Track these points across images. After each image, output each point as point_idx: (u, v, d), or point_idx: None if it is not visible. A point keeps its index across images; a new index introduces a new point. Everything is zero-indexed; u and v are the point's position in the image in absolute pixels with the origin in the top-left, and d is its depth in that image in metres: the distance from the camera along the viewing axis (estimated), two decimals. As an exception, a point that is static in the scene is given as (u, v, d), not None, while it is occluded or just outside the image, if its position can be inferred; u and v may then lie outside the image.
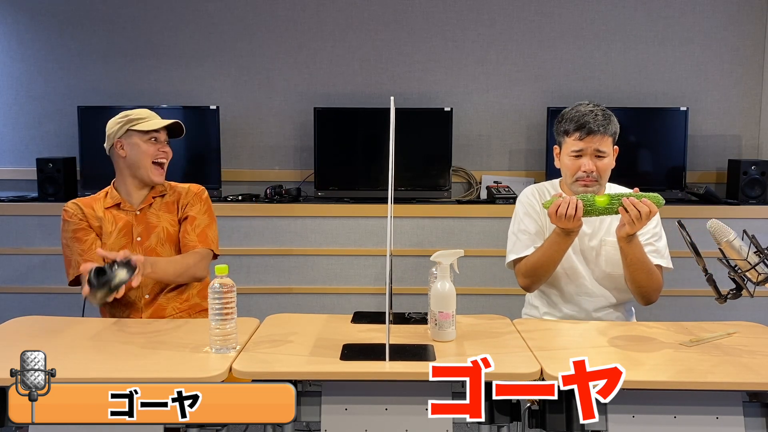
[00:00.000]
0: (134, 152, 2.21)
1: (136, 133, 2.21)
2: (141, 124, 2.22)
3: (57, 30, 3.57)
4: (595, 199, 1.91)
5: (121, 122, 2.22)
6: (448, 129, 3.41)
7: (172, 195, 2.32)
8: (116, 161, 2.27)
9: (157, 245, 2.24)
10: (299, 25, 3.56)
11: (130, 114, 2.24)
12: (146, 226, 2.25)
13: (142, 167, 2.22)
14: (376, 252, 3.34)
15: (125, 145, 2.22)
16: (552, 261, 2.09)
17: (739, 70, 3.57)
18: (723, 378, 1.54)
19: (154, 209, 2.27)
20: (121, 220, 2.24)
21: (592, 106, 2.09)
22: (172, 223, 2.27)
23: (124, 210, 2.26)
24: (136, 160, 2.21)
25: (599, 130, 2.05)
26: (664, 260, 2.13)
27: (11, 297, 3.39)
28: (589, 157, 2.08)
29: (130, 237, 2.23)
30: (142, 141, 2.21)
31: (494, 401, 1.61)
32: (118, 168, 2.27)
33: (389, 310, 1.70)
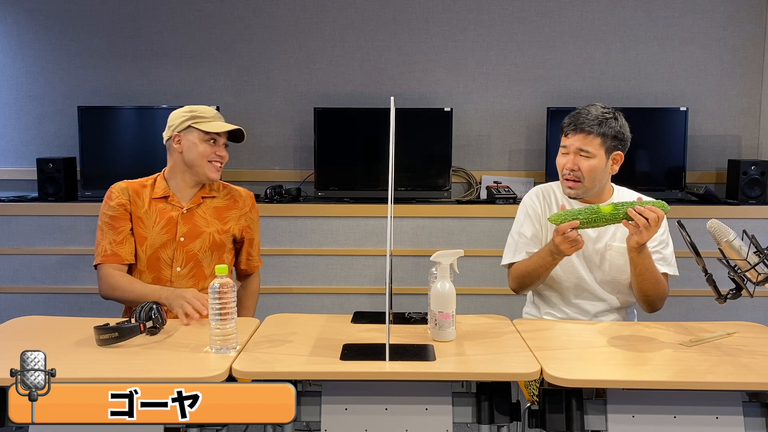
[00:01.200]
0: (191, 150, 2.17)
1: (197, 131, 2.16)
2: (203, 124, 2.16)
3: (57, 30, 3.57)
4: (600, 208, 1.89)
5: (184, 116, 2.17)
6: (448, 129, 3.41)
7: (224, 199, 2.27)
8: (171, 153, 2.22)
9: (200, 251, 2.20)
10: (299, 25, 3.57)
11: (196, 110, 2.19)
12: (192, 227, 2.20)
13: (198, 166, 2.17)
14: (376, 252, 3.34)
15: (183, 140, 2.17)
16: (537, 275, 2.11)
17: (739, 70, 3.57)
18: (723, 378, 1.54)
19: (203, 211, 2.22)
20: (166, 215, 2.18)
21: (597, 108, 2.08)
22: (219, 231, 2.23)
23: (171, 204, 2.20)
24: (191, 159, 2.17)
25: (585, 129, 2.04)
26: (671, 268, 2.12)
27: (11, 297, 3.39)
28: (573, 155, 2.07)
29: (173, 235, 2.18)
30: (200, 140, 2.16)
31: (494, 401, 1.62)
32: (172, 160, 2.22)
33: (389, 310, 1.70)
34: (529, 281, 2.15)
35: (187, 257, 2.19)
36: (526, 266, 2.12)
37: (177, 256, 2.18)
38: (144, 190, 2.21)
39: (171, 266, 2.18)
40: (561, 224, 1.90)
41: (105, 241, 2.16)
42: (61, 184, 3.37)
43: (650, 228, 1.86)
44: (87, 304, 3.37)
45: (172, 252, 2.18)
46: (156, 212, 2.18)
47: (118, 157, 3.44)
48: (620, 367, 1.66)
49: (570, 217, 1.89)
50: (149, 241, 2.17)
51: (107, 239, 2.16)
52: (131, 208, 2.18)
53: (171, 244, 2.17)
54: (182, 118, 2.17)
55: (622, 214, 1.87)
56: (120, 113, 3.47)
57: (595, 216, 1.88)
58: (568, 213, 1.91)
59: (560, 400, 1.61)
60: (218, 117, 2.22)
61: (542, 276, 2.12)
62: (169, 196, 2.20)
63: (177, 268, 2.18)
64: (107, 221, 2.17)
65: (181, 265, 2.19)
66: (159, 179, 2.24)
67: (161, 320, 1.80)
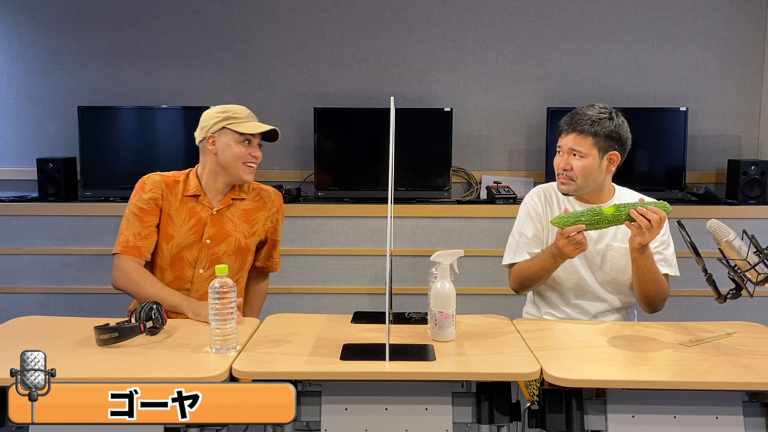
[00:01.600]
0: (225, 152, 2.12)
1: (231, 133, 2.12)
2: (238, 124, 2.12)
3: (57, 30, 3.57)
4: (602, 210, 1.88)
5: (218, 117, 2.13)
6: (448, 129, 3.41)
7: (253, 200, 2.24)
8: (204, 154, 2.18)
9: (224, 255, 2.17)
10: (299, 25, 3.57)
11: (229, 111, 2.14)
12: (220, 230, 2.17)
13: (233, 168, 2.13)
14: (376, 252, 3.34)
15: (217, 141, 2.13)
16: (538, 277, 2.11)
17: (739, 70, 3.57)
18: (723, 378, 1.54)
19: (232, 214, 2.19)
20: (195, 215, 2.15)
21: (594, 108, 2.07)
22: (246, 235, 2.21)
23: (201, 204, 2.17)
24: (225, 160, 2.13)
25: (577, 129, 2.04)
26: (672, 269, 2.12)
27: (11, 297, 3.39)
28: (566, 155, 2.07)
29: (199, 236, 2.15)
30: (235, 142, 2.12)
31: (494, 401, 1.62)
32: (206, 160, 2.18)
33: (389, 310, 1.70)
34: (529, 282, 2.15)
35: (211, 260, 2.16)
36: (527, 268, 2.12)
37: (201, 257, 2.15)
38: (177, 186, 2.17)
39: (194, 267, 2.15)
40: (566, 227, 1.89)
41: (129, 232, 2.11)
42: (61, 184, 3.37)
43: (653, 229, 1.86)
44: (87, 304, 3.37)
45: (196, 253, 2.15)
46: (186, 211, 2.15)
47: (118, 157, 3.45)
48: (620, 367, 1.66)
49: (573, 219, 1.89)
50: (176, 240, 2.13)
51: (132, 230, 2.11)
52: (162, 203, 2.14)
53: (196, 245, 2.15)
54: (216, 118, 2.13)
55: (624, 216, 1.86)
56: (120, 113, 3.47)
57: (597, 218, 1.88)
58: (570, 215, 1.90)
59: (560, 400, 1.61)
60: (252, 117, 2.18)
61: (543, 278, 2.12)
62: (200, 195, 2.17)
63: (200, 270, 2.15)
64: (135, 212, 2.12)
65: (204, 268, 2.16)
66: (192, 176, 2.20)
67: (161, 320, 1.80)
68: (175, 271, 2.15)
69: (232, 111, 2.14)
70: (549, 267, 2.06)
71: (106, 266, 3.35)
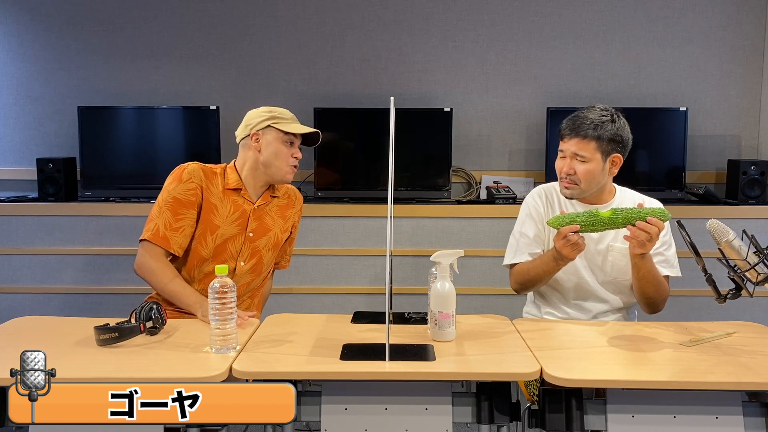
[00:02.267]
0: (269, 150, 2.15)
1: (276, 132, 2.16)
2: (283, 124, 2.16)
3: (57, 30, 3.57)
4: (598, 212, 1.88)
5: (264, 116, 2.17)
6: (448, 129, 3.41)
7: (284, 198, 2.30)
8: (246, 150, 2.19)
9: (264, 248, 2.22)
10: (299, 25, 3.57)
11: (275, 111, 2.18)
12: (261, 224, 2.22)
13: (275, 166, 2.16)
14: (376, 252, 3.34)
15: (261, 139, 2.16)
16: (539, 279, 2.11)
17: (739, 70, 3.57)
18: (722, 378, 1.54)
19: (270, 210, 2.25)
20: (239, 208, 2.18)
21: (595, 111, 2.06)
22: (282, 230, 2.28)
23: (243, 198, 2.19)
24: (269, 159, 2.16)
25: (580, 134, 2.03)
26: (673, 269, 2.12)
27: (11, 297, 3.39)
28: (569, 159, 2.06)
29: (243, 228, 2.18)
30: (279, 141, 2.16)
31: (494, 401, 1.62)
32: (246, 157, 2.20)
33: (389, 310, 1.70)
34: (530, 284, 2.15)
35: (252, 253, 2.20)
36: (528, 269, 2.12)
37: (244, 250, 2.19)
38: (216, 177, 2.18)
39: (236, 259, 2.18)
40: (562, 227, 1.90)
41: (160, 220, 2.09)
42: (61, 184, 3.37)
43: (652, 240, 1.86)
44: (87, 304, 3.37)
45: (239, 245, 2.18)
46: (230, 203, 2.17)
47: (118, 157, 3.45)
48: (620, 367, 1.66)
49: (568, 220, 1.89)
50: (221, 230, 2.14)
51: (163, 219, 2.09)
52: (205, 193, 2.13)
53: (239, 238, 2.17)
54: (262, 117, 2.16)
55: (620, 219, 1.86)
56: (120, 113, 3.47)
57: (593, 220, 1.87)
58: (566, 216, 1.90)
59: (560, 400, 1.61)
60: (295, 119, 2.23)
61: (544, 280, 2.12)
62: (241, 189, 2.18)
63: (241, 262, 2.18)
64: (170, 201, 2.10)
65: (245, 260, 2.19)
66: (230, 170, 2.21)
67: (161, 320, 1.80)
68: (217, 261, 2.14)
69: (277, 112, 2.18)
70: (551, 269, 2.06)
71: (106, 266, 3.35)
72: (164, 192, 2.13)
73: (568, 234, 1.88)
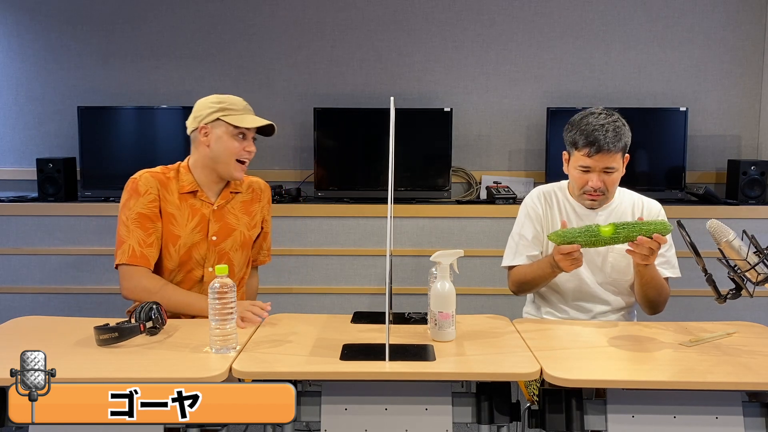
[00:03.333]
0: (218, 145, 2.02)
1: (225, 125, 2.02)
2: (233, 117, 2.02)
3: (57, 30, 3.57)
4: (600, 231, 1.86)
5: (213, 108, 2.03)
6: (447, 129, 3.41)
7: (247, 192, 2.18)
8: (196, 146, 2.07)
9: (231, 250, 2.11)
10: (299, 25, 3.57)
11: (224, 101, 2.04)
12: (224, 225, 2.10)
13: (223, 163, 2.04)
14: (376, 252, 3.34)
15: (210, 133, 2.03)
16: (536, 284, 2.12)
17: (739, 70, 3.57)
18: (722, 378, 1.54)
19: (232, 208, 2.13)
20: (197, 212, 2.06)
21: (603, 117, 2.03)
22: (248, 227, 2.16)
23: (200, 200, 2.07)
24: (217, 154, 2.03)
25: (609, 149, 1.99)
26: (674, 270, 2.13)
27: (11, 297, 3.39)
28: (598, 174, 2.04)
29: (204, 234, 2.07)
30: (229, 135, 2.02)
31: (494, 401, 1.62)
32: (197, 153, 2.08)
33: (389, 310, 1.70)
34: (528, 287, 2.16)
35: (220, 256, 2.10)
36: (525, 273, 2.13)
37: (209, 256, 2.09)
38: (170, 183, 2.06)
39: (203, 266, 2.09)
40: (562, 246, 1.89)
41: (132, 240, 1.99)
42: (61, 184, 3.37)
43: (654, 254, 1.87)
44: (87, 304, 3.37)
45: (204, 251, 2.08)
46: (188, 209, 2.06)
47: (118, 157, 3.44)
48: (620, 367, 1.66)
49: (570, 238, 1.88)
50: (182, 240, 2.04)
51: (135, 238, 1.99)
52: (162, 203, 2.03)
53: (203, 243, 2.07)
54: (210, 109, 2.03)
55: (622, 238, 1.86)
56: (120, 113, 3.47)
57: (594, 239, 1.86)
58: (567, 233, 1.89)
59: (560, 400, 1.61)
60: (248, 110, 2.09)
61: (541, 285, 2.13)
62: (197, 191, 2.07)
63: (209, 268, 2.08)
64: (136, 218, 2.00)
65: (213, 266, 2.08)
66: (183, 171, 2.09)
67: (161, 320, 1.80)
68: (184, 272, 2.09)
69: (227, 102, 2.04)
70: (547, 276, 2.06)
71: (106, 266, 3.35)
72: (125, 210, 2.02)
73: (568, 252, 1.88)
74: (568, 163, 2.13)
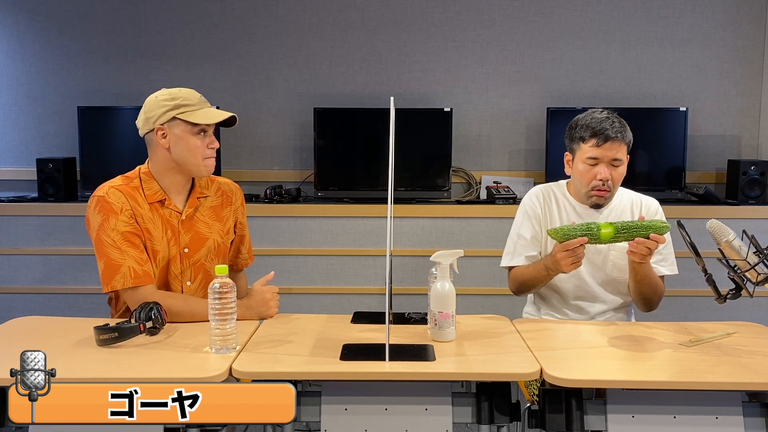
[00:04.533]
0: (180, 147, 1.88)
1: (183, 124, 1.87)
2: (190, 113, 1.87)
3: (57, 30, 3.57)
4: (600, 234, 1.86)
5: (166, 106, 1.87)
6: (447, 129, 3.41)
7: (216, 196, 2.04)
8: (153, 149, 1.92)
9: (206, 260, 1.99)
10: (299, 25, 3.56)
11: (177, 98, 1.88)
12: (195, 235, 1.97)
13: (190, 163, 1.90)
14: (376, 252, 3.34)
15: (168, 134, 1.88)
16: (533, 285, 2.13)
17: (739, 70, 3.57)
18: (722, 378, 1.54)
19: (202, 215, 1.99)
20: (167, 223, 1.93)
21: (607, 114, 2.07)
22: (221, 234, 2.03)
23: (168, 209, 1.94)
24: (181, 156, 1.89)
25: (617, 137, 2.02)
26: (671, 267, 2.14)
27: (11, 297, 3.39)
28: (606, 165, 2.05)
29: (177, 246, 1.94)
30: (190, 134, 1.88)
31: (494, 401, 1.62)
32: (157, 157, 1.93)
33: (389, 310, 1.69)
34: (526, 288, 2.17)
35: (195, 269, 1.99)
36: (522, 275, 2.13)
37: (185, 269, 1.98)
38: (137, 194, 1.91)
39: (181, 281, 1.98)
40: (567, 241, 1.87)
41: (130, 261, 1.86)
42: (60, 184, 3.37)
43: (652, 253, 1.89)
44: (87, 304, 3.37)
45: (180, 265, 1.97)
46: (159, 219, 1.92)
47: (118, 158, 3.44)
48: (620, 367, 1.66)
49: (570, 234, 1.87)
50: (161, 254, 1.93)
51: (131, 257, 1.86)
52: (138, 219, 1.89)
53: (177, 258, 1.96)
54: (164, 107, 1.87)
55: (622, 239, 1.87)
56: (120, 113, 3.47)
57: (595, 241, 1.87)
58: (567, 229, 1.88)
59: (560, 400, 1.61)
60: (204, 102, 1.94)
61: (538, 286, 2.14)
62: (165, 200, 1.94)
63: (187, 282, 1.99)
64: (122, 238, 1.86)
65: (191, 279, 1.99)
66: (146, 179, 1.94)
67: (161, 320, 1.78)
68: (164, 289, 1.97)
69: (181, 97, 1.89)
70: (543, 278, 2.07)
71: (106, 266, 3.34)
72: (106, 231, 1.86)
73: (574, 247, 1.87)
74: (571, 163, 2.13)
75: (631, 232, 1.85)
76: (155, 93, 1.94)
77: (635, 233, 1.85)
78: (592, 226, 1.88)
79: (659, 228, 1.85)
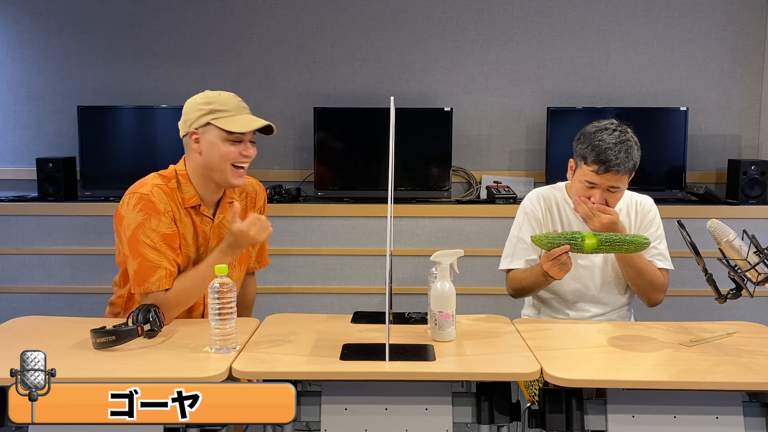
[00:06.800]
0: (211, 152, 1.83)
1: (217, 130, 1.83)
2: (224, 120, 1.82)
3: (57, 30, 3.57)
4: (584, 244, 1.86)
5: (202, 110, 1.83)
6: (448, 129, 3.41)
7: (241, 198, 2.02)
8: (190, 153, 1.89)
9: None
10: (299, 25, 3.56)
11: (214, 102, 1.84)
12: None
13: (218, 170, 1.85)
14: (376, 252, 3.34)
15: (201, 139, 1.84)
16: (531, 289, 2.13)
17: (739, 70, 3.57)
18: (723, 378, 1.54)
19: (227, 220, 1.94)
20: (199, 228, 1.90)
21: (617, 135, 2.00)
22: None
23: (201, 215, 1.91)
24: (211, 162, 1.84)
25: (618, 169, 1.98)
26: (667, 262, 2.14)
27: (11, 297, 3.39)
28: (601, 192, 2.02)
29: (206, 252, 1.91)
30: (222, 140, 1.82)
31: (494, 401, 1.62)
32: (191, 161, 1.89)
33: (389, 310, 1.70)
34: (524, 292, 2.16)
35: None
36: (520, 279, 2.13)
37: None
38: (175, 196, 1.87)
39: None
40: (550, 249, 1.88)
41: (166, 262, 1.82)
42: (60, 184, 3.37)
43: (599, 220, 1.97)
44: (87, 304, 3.37)
45: None
46: (190, 225, 1.89)
47: (118, 157, 3.45)
48: (620, 367, 1.66)
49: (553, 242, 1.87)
50: (192, 260, 1.91)
51: (167, 260, 1.83)
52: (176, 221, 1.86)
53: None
54: (199, 111, 1.84)
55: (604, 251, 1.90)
56: (120, 113, 3.47)
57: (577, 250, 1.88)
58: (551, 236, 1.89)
59: (560, 400, 1.61)
60: (241, 108, 1.89)
61: (535, 290, 2.14)
62: (200, 205, 1.91)
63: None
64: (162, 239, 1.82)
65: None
66: (183, 181, 1.90)
67: (159, 323, 1.75)
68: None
69: (217, 102, 1.85)
70: (541, 283, 2.05)
71: (106, 266, 3.35)
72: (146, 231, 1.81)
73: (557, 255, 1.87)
74: (573, 171, 2.12)
75: (613, 245, 1.87)
76: (196, 95, 1.91)
77: (617, 247, 1.87)
78: (577, 235, 1.87)
79: (641, 244, 1.87)
